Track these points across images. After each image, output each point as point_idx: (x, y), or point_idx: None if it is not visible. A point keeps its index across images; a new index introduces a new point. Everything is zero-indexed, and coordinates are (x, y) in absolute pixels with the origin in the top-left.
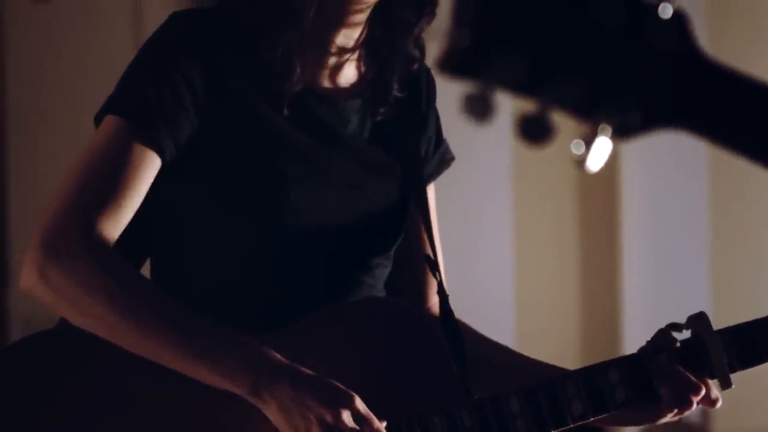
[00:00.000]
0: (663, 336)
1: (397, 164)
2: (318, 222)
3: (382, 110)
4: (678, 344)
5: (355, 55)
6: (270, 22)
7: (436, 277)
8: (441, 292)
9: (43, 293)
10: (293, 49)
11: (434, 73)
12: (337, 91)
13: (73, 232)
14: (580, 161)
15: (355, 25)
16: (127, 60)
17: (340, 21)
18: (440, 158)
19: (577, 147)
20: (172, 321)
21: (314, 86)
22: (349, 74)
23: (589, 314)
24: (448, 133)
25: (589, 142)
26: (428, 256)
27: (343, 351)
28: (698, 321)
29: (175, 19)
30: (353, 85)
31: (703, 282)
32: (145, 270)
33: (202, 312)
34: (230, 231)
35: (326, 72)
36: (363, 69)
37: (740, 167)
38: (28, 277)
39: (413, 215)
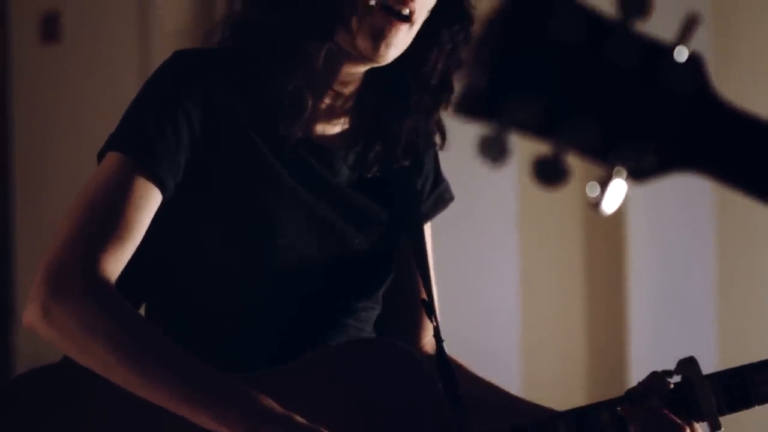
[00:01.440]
0: (654, 379)
1: (387, 210)
2: (304, 267)
3: (375, 169)
4: (669, 387)
5: (349, 106)
6: (281, 63)
7: (432, 321)
8: (437, 335)
9: (45, 330)
10: (304, 92)
11: (450, 114)
12: (329, 139)
13: (77, 269)
14: (595, 204)
15: (351, 80)
16: None
17: (337, 72)
18: (438, 197)
19: (592, 189)
20: (171, 364)
21: (308, 133)
22: (341, 124)
23: (596, 354)
24: (455, 173)
25: (603, 185)
26: (424, 299)
27: (335, 394)
28: (688, 365)
29: (177, 57)
30: (345, 135)
31: (709, 322)
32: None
33: (189, 347)
34: (219, 270)
35: (319, 120)
36: (355, 124)
37: (747, 207)
38: (31, 314)
39: (408, 257)
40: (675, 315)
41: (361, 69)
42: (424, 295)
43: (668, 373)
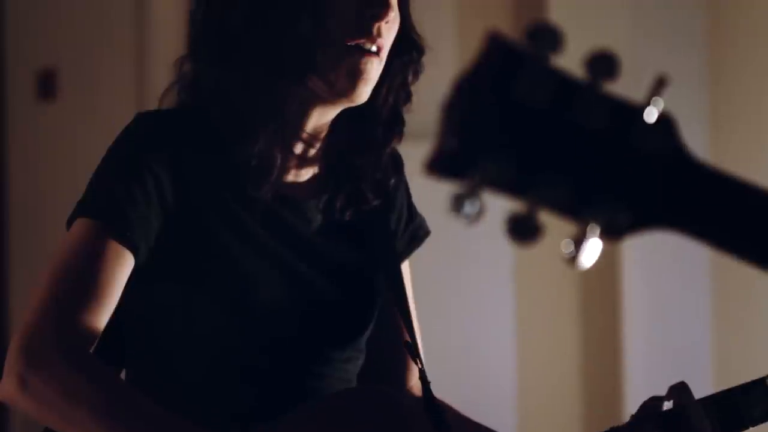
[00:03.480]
0: (648, 406)
1: (363, 254)
2: (285, 321)
3: (348, 213)
4: (663, 411)
5: (319, 152)
6: (244, 124)
7: (416, 363)
8: (423, 378)
9: (24, 402)
10: (271, 152)
11: (423, 175)
12: (300, 191)
13: (52, 337)
14: (571, 260)
15: (317, 131)
16: None
17: (307, 120)
18: (412, 234)
19: (567, 246)
20: (153, 424)
21: (279, 188)
22: (313, 173)
23: (591, 403)
24: (450, 220)
25: (578, 242)
26: (407, 342)
27: None
28: (680, 391)
29: (140, 120)
30: (319, 184)
31: (706, 373)
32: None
33: (173, 408)
34: (199, 330)
35: (290, 171)
36: (332, 169)
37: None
38: (7, 387)
39: (387, 299)
40: (670, 364)
41: (334, 112)
42: (407, 338)
43: (660, 399)
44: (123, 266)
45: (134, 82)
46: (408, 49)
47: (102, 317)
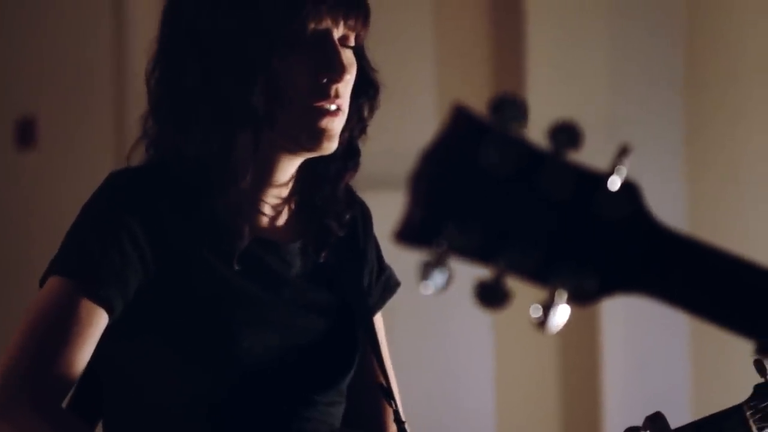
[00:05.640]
0: None
1: (342, 301)
2: (269, 366)
3: (323, 253)
4: None
5: (291, 195)
6: (214, 179)
7: (391, 405)
8: (397, 420)
9: None
10: (236, 210)
11: (390, 243)
12: (278, 235)
13: (22, 389)
14: (540, 324)
15: (286, 177)
16: None
17: (275, 168)
18: (384, 286)
19: (535, 311)
20: None
21: (257, 233)
22: (286, 218)
23: None
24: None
25: (547, 307)
26: (381, 384)
27: None
28: (655, 421)
29: (114, 177)
30: (292, 228)
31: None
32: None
33: None
34: (180, 380)
35: (266, 218)
36: (300, 212)
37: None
38: None
39: (363, 348)
40: (649, 412)
41: (300, 160)
42: (381, 381)
43: (635, 430)
44: (95, 323)
45: (113, 130)
46: (364, 90)
47: (73, 372)
